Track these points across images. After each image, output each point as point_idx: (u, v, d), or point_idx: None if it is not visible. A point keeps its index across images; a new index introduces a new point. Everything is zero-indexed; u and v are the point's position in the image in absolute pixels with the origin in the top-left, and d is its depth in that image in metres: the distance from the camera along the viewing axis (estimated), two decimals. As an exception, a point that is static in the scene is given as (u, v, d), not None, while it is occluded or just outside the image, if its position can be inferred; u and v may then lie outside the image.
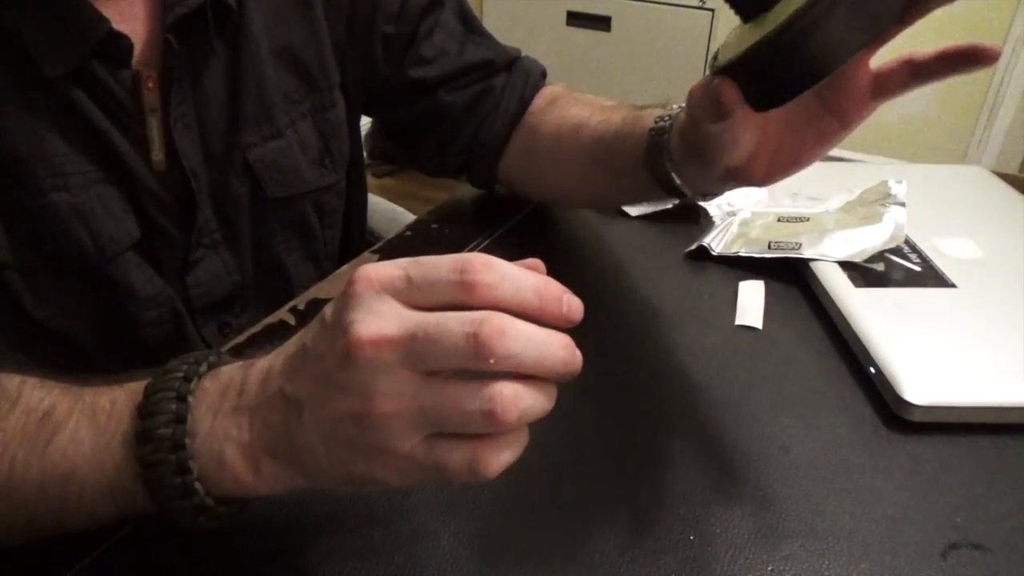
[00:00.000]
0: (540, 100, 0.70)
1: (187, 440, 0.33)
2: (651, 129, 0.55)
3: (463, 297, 0.30)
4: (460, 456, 0.31)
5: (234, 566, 0.39)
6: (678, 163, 0.53)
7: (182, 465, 0.33)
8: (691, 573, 0.39)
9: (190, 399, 0.34)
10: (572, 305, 0.31)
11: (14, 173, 0.48)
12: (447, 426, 0.30)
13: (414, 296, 0.30)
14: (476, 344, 0.29)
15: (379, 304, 0.30)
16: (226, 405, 0.34)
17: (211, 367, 0.36)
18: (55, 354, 0.53)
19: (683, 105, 0.52)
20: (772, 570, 0.39)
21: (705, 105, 0.42)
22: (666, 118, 0.55)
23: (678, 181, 0.54)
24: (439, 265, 0.30)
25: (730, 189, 0.55)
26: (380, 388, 0.30)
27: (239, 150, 0.58)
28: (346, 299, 0.31)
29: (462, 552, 0.39)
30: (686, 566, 0.39)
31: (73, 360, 0.54)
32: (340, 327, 0.30)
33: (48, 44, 0.47)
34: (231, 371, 0.35)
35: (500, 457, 0.31)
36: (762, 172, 0.48)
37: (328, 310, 0.32)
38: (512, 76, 0.70)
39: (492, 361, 0.29)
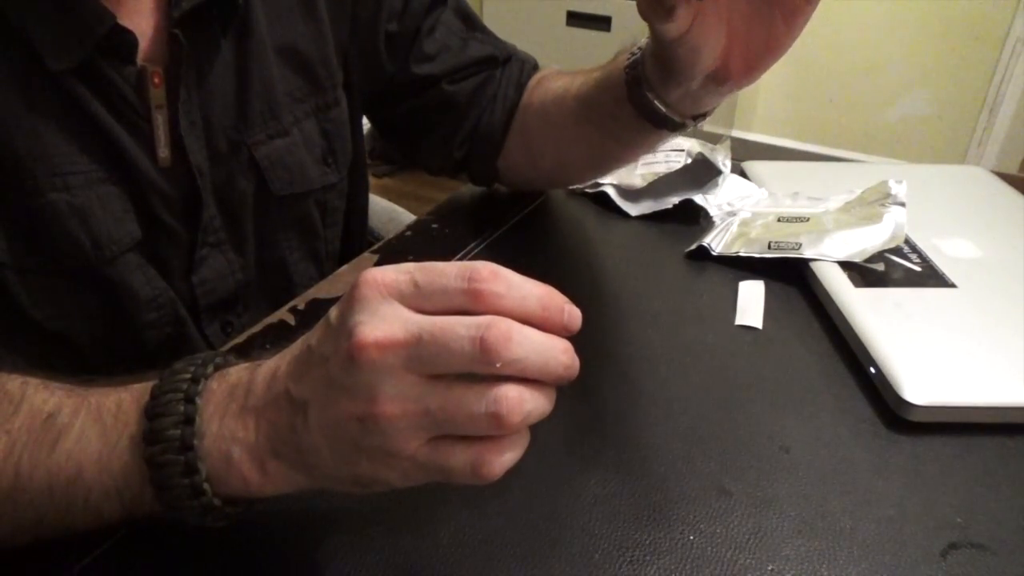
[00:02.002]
0: (531, 83, 0.71)
1: (195, 441, 0.33)
2: (626, 67, 0.57)
3: (469, 304, 0.30)
4: (463, 458, 0.31)
5: (234, 565, 0.39)
6: (658, 89, 0.54)
7: (191, 466, 0.33)
8: (691, 573, 0.39)
9: (198, 400, 0.34)
10: (572, 315, 0.32)
11: (13, 172, 0.48)
12: (452, 428, 0.31)
13: (419, 301, 0.31)
14: (483, 348, 0.29)
15: (384, 307, 0.30)
16: (233, 406, 0.34)
17: (217, 368, 0.36)
18: (55, 355, 0.53)
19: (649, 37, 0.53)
20: (772, 570, 0.39)
21: (651, 4, 0.43)
22: (636, 51, 0.56)
23: (663, 108, 0.55)
24: (446, 272, 0.31)
25: (716, 102, 0.56)
26: (384, 390, 0.30)
27: (245, 148, 0.58)
28: (351, 302, 0.31)
29: (462, 552, 0.39)
30: (686, 566, 0.39)
31: (73, 361, 0.54)
32: (345, 329, 0.31)
33: (53, 38, 0.47)
34: (238, 372, 0.36)
35: (503, 459, 0.31)
36: (740, 68, 0.49)
37: (333, 312, 0.32)
38: (509, 67, 0.72)
39: (499, 365, 0.29)
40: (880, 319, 0.54)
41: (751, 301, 0.60)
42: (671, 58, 0.49)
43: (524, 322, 0.30)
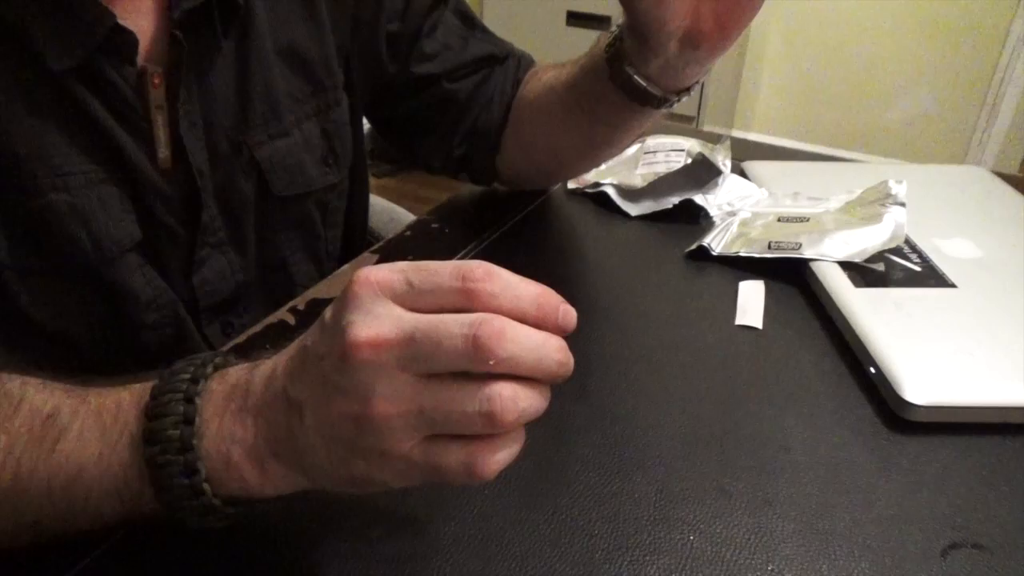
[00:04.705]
0: (526, 78, 0.72)
1: (195, 441, 0.33)
2: (606, 46, 0.58)
3: (463, 304, 0.30)
4: (457, 457, 0.31)
5: (234, 566, 0.39)
6: (637, 63, 0.55)
7: (190, 466, 0.33)
8: (691, 573, 0.39)
9: (198, 401, 0.34)
10: (567, 315, 0.31)
11: (13, 172, 0.48)
12: (446, 427, 0.30)
13: (413, 300, 0.31)
14: (476, 346, 0.29)
15: (377, 306, 0.30)
16: (232, 406, 0.34)
17: (217, 368, 0.36)
18: (55, 355, 0.53)
19: None
20: (772, 570, 0.39)
21: None
22: (615, 29, 0.57)
23: (643, 83, 0.56)
24: (440, 271, 0.30)
25: (697, 72, 0.56)
26: (378, 390, 0.30)
27: (246, 148, 0.58)
28: (345, 301, 0.31)
29: (462, 552, 0.39)
30: (686, 566, 0.39)
31: (73, 362, 0.54)
32: (338, 329, 0.31)
33: (53, 38, 0.47)
34: (237, 372, 0.36)
35: (497, 458, 0.31)
36: (712, 28, 0.50)
37: (328, 312, 0.32)
38: (507, 64, 0.72)
39: (492, 363, 0.29)
40: (880, 319, 0.54)
41: (751, 301, 0.60)
42: (639, 19, 0.50)
43: (519, 322, 0.30)
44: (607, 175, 0.76)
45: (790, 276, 0.62)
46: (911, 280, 0.59)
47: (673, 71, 0.55)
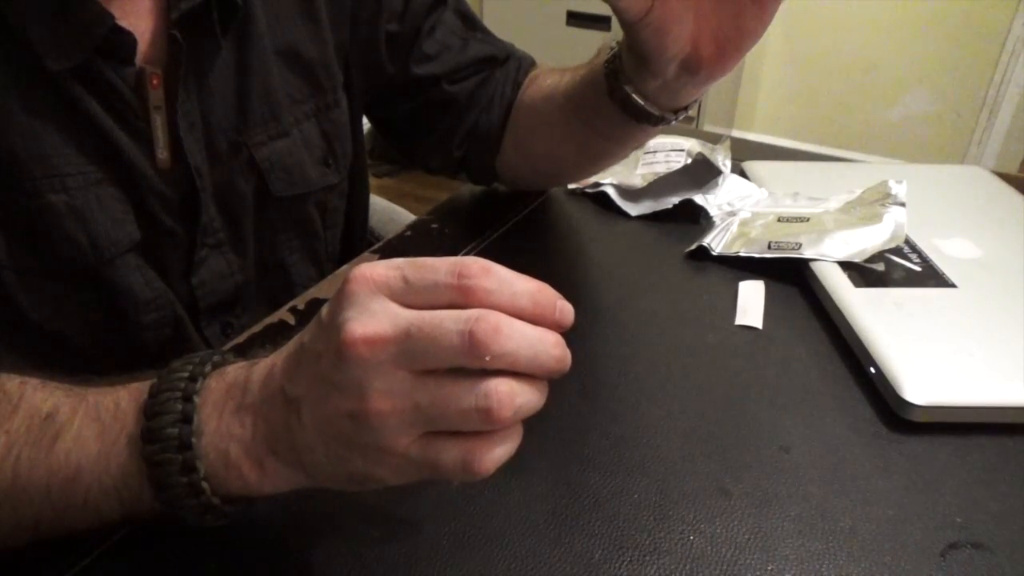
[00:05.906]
0: (526, 81, 0.72)
1: (193, 440, 0.33)
2: (605, 61, 0.58)
3: (459, 300, 0.30)
4: (454, 454, 0.31)
5: (234, 566, 0.39)
6: (635, 81, 0.55)
7: (189, 464, 0.33)
8: (691, 573, 0.39)
9: (196, 399, 0.34)
10: (564, 311, 0.31)
11: (11, 173, 0.48)
12: (443, 423, 0.30)
13: (409, 297, 0.31)
14: (472, 342, 0.29)
15: (373, 303, 0.30)
16: (230, 404, 0.34)
17: (216, 367, 0.36)
18: (53, 356, 0.53)
19: None
20: (772, 570, 0.39)
21: None
22: (615, 45, 0.57)
23: (640, 101, 0.56)
24: (436, 267, 0.30)
25: (695, 94, 0.56)
26: (375, 386, 0.30)
27: (245, 149, 0.58)
28: (341, 298, 0.31)
29: (461, 552, 0.39)
30: (686, 566, 0.39)
31: (72, 362, 0.54)
32: (335, 326, 0.31)
33: (52, 39, 0.47)
34: (235, 371, 0.36)
35: (494, 454, 0.31)
36: (712, 54, 0.50)
37: (325, 309, 0.32)
38: (507, 66, 0.72)
39: (488, 359, 0.29)
40: (880, 319, 0.54)
41: (751, 301, 0.60)
42: (639, 43, 0.50)
43: (516, 318, 0.30)
44: (607, 175, 0.76)
45: (790, 276, 0.62)
46: (911, 280, 0.59)
47: (671, 92, 0.55)
